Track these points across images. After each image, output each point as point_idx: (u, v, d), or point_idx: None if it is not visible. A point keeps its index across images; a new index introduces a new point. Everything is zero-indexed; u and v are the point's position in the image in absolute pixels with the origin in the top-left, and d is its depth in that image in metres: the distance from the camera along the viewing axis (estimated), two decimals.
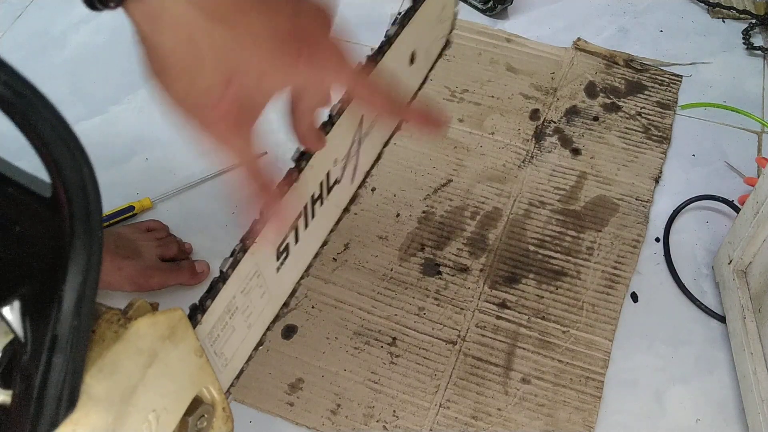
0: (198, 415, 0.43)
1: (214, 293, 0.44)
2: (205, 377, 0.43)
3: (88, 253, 0.31)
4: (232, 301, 0.46)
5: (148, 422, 0.38)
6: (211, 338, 0.45)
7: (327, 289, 0.77)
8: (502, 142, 0.90)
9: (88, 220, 0.31)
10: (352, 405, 0.69)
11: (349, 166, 0.55)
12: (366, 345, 0.73)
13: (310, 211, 0.51)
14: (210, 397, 0.45)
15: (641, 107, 0.94)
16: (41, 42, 1.05)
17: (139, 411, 0.37)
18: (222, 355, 0.48)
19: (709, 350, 0.74)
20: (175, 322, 0.40)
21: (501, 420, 0.69)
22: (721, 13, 1.06)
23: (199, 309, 0.44)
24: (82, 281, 0.31)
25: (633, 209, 0.84)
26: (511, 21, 1.06)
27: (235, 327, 0.48)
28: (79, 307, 0.31)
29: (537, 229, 0.82)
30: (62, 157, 0.29)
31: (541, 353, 0.73)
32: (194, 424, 0.43)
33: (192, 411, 0.43)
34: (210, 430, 0.45)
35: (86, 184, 0.30)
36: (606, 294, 0.77)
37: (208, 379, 0.44)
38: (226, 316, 0.46)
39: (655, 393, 0.71)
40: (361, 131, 0.54)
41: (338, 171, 0.53)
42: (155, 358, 0.38)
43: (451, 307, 0.76)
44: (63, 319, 0.31)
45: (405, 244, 0.81)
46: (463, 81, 0.97)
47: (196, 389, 0.43)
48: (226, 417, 0.47)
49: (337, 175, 0.53)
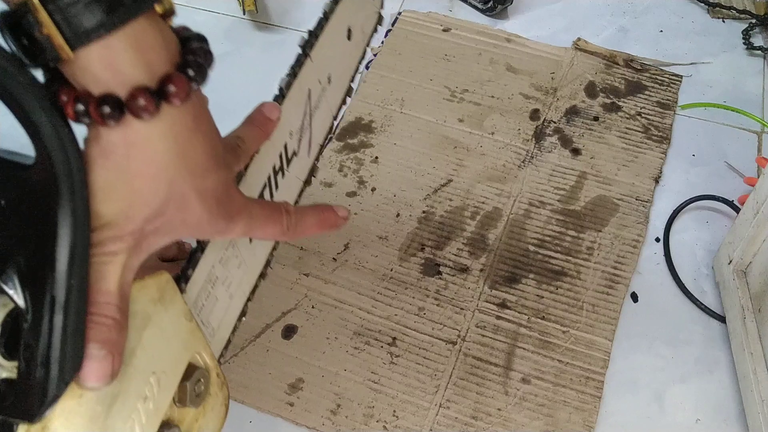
0: (195, 380, 0.44)
1: (194, 262, 0.45)
2: (197, 342, 0.44)
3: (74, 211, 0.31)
4: (212, 271, 0.48)
5: (150, 384, 0.39)
6: (197, 307, 0.46)
7: (327, 289, 0.77)
8: (502, 142, 0.90)
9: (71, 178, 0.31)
10: (352, 405, 0.69)
11: (304, 138, 0.57)
12: (366, 345, 0.73)
13: (273, 181, 0.53)
14: (203, 363, 0.45)
15: (641, 107, 0.94)
16: None
17: (140, 373, 0.38)
18: (209, 324, 0.49)
19: (709, 350, 0.74)
20: (163, 285, 0.40)
21: (501, 420, 0.69)
22: (721, 13, 1.06)
23: (182, 278, 0.45)
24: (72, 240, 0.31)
25: (633, 209, 0.84)
26: (511, 21, 1.06)
27: (217, 297, 0.49)
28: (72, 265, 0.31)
29: (537, 229, 0.82)
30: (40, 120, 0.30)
31: (541, 353, 0.73)
32: (192, 389, 0.43)
33: (188, 376, 0.43)
34: (207, 395, 0.45)
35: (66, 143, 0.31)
36: (606, 294, 0.77)
37: (199, 344, 0.44)
38: (208, 286, 0.47)
39: (655, 393, 0.71)
40: (310, 104, 0.56)
41: (294, 143, 0.55)
42: (149, 320, 0.39)
43: (451, 307, 0.76)
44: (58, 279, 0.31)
45: (405, 244, 0.81)
46: (463, 81, 0.97)
47: (189, 354, 0.43)
48: (221, 383, 0.47)
49: (294, 148, 0.55)
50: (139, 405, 0.38)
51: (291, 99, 0.52)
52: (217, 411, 0.47)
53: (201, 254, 0.46)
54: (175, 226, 0.38)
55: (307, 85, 0.55)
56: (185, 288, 0.45)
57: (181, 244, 0.80)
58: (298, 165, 0.57)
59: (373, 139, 0.91)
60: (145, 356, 0.38)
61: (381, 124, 0.92)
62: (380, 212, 0.84)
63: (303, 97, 0.55)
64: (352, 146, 0.90)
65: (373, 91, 0.96)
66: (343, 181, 0.86)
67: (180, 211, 0.37)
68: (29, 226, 0.32)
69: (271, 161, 0.52)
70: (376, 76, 0.97)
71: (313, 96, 0.56)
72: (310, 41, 0.53)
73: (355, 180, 0.86)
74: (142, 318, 0.38)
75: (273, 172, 0.53)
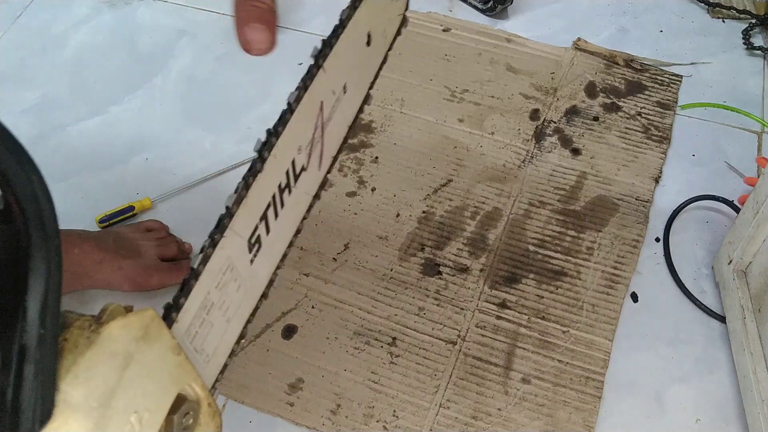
0: (183, 413, 0.43)
1: (186, 291, 0.44)
2: (186, 375, 0.43)
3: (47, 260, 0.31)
4: (207, 297, 0.46)
5: (131, 424, 0.38)
6: (190, 335, 0.45)
7: (327, 289, 0.77)
8: (502, 142, 0.90)
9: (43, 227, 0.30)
10: (352, 405, 0.69)
11: (315, 152, 0.54)
12: (366, 345, 0.73)
13: (278, 200, 0.51)
14: (194, 394, 0.44)
15: (641, 107, 0.94)
16: (41, 42, 1.05)
17: (119, 414, 0.37)
18: (203, 351, 0.47)
19: (709, 350, 0.74)
20: (148, 322, 0.39)
21: (501, 420, 0.68)
22: (721, 13, 1.06)
23: (173, 308, 0.43)
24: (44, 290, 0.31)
25: (633, 209, 0.84)
26: (511, 21, 1.06)
27: (213, 323, 0.48)
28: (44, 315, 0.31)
29: (537, 229, 0.82)
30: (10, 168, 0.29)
31: (541, 353, 0.73)
32: (179, 422, 0.43)
33: (176, 409, 0.42)
34: (197, 426, 0.45)
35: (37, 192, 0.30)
36: (606, 294, 0.77)
37: (189, 376, 0.44)
38: (203, 313, 0.46)
39: (655, 393, 0.71)
40: (322, 116, 0.53)
41: (304, 158, 0.53)
42: (131, 359, 0.38)
43: (451, 307, 0.76)
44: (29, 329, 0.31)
45: (405, 244, 0.81)
46: (463, 81, 0.97)
47: (177, 387, 0.43)
48: (213, 412, 0.46)
49: (303, 163, 0.53)
50: None
51: (300, 113, 0.49)
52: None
53: (195, 282, 0.44)
54: None
55: (320, 97, 0.52)
56: (177, 317, 0.43)
57: (181, 243, 0.80)
58: (306, 180, 0.55)
59: (373, 139, 0.91)
60: (125, 396, 0.37)
61: (381, 124, 0.92)
62: (380, 212, 0.84)
63: (314, 111, 0.52)
64: (352, 146, 0.90)
65: (373, 91, 0.95)
66: (343, 181, 0.86)
67: None
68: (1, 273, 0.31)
69: (277, 179, 0.50)
70: None
71: (325, 108, 0.53)
72: (324, 52, 0.50)
73: (355, 180, 0.86)
74: (123, 358, 0.37)
75: (278, 190, 0.50)
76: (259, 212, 0.49)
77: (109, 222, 0.83)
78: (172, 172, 0.89)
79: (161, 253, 0.77)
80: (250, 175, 0.46)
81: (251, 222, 0.48)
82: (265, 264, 0.53)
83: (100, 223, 0.82)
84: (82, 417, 0.35)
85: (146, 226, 0.80)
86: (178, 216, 0.84)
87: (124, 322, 0.38)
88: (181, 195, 0.86)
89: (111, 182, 0.88)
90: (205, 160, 0.90)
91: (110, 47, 1.04)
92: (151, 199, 0.85)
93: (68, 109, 0.96)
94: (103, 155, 0.91)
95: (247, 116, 0.93)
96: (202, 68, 1.01)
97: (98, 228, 0.82)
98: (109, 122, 0.95)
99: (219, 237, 0.45)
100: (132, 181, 0.88)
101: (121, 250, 0.74)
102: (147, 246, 0.76)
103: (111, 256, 0.73)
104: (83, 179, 0.88)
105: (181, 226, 0.82)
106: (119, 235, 0.77)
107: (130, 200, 0.84)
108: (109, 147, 0.92)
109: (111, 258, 0.73)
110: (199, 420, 0.45)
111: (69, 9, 1.10)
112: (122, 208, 0.83)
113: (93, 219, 0.83)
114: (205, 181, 0.87)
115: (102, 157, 0.91)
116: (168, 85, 0.99)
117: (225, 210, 0.44)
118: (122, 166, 0.90)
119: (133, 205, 0.84)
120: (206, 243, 0.44)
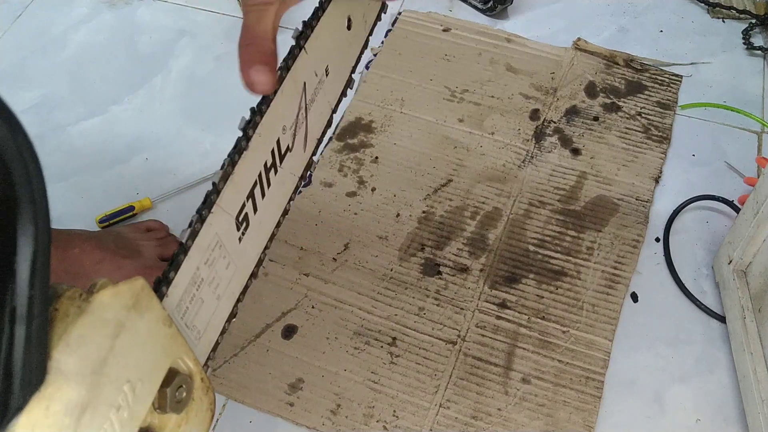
0: (176, 386, 0.42)
1: (176, 265, 0.44)
2: (178, 347, 0.43)
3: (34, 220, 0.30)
4: (197, 273, 0.46)
5: (124, 393, 0.38)
6: (180, 311, 0.45)
7: (327, 289, 0.77)
8: (502, 142, 0.90)
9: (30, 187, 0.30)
10: (352, 405, 0.69)
11: (299, 133, 0.55)
12: (366, 345, 0.73)
13: (264, 179, 0.52)
14: (186, 368, 0.44)
15: (641, 107, 0.94)
16: (41, 42, 1.05)
17: (112, 382, 0.37)
18: (194, 327, 0.47)
19: (709, 350, 0.74)
20: (138, 291, 0.39)
21: (501, 420, 0.69)
22: (721, 13, 1.06)
23: (163, 282, 0.43)
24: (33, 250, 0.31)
25: (633, 209, 0.84)
26: (511, 21, 1.06)
27: (203, 299, 0.48)
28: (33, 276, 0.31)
29: (537, 229, 0.82)
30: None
31: (541, 353, 0.73)
32: (173, 395, 0.42)
33: (169, 382, 0.42)
34: (191, 401, 0.44)
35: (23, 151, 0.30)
36: (606, 294, 0.77)
37: (181, 349, 0.43)
38: (193, 288, 0.46)
39: (655, 393, 0.71)
40: (305, 98, 0.55)
41: (288, 138, 0.54)
42: (122, 328, 0.38)
43: (451, 307, 0.76)
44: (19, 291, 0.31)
45: (405, 244, 0.81)
46: (463, 81, 0.97)
47: (169, 359, 0.42)
48: (206, 387, 0.46)
49: (288, 143, 0.54)
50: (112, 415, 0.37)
51: (283, 93, 0.51)
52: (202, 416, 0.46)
53: (184, 257, 0.45)
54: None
55: (302, 78, 0.54)
56: (167, 291, 0.44)
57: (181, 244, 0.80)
58: (292, 160, 0.56)
59: (373, 139, 0.91)
60: (117, 364, 0.37)
61: (381, 124, 0.92)
62: (380, 212, 0.84)
63: (297, 91, 0.54)
64: (352, 146, 0.90)
65: (373, 91, 0.96)
66: (343, 181, 0.86)
67: None
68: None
69: (263, 158, 0.51)
70: (376, 76, 0.97)
71: (308, 89, 0.55)
72: (305, 33, 0.52)
73: (355, 180, 0.86)
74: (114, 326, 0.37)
75: (264, 169, 0.52)
76: (246, 190, 0.50)
77: (109, 222, 0.83)
78: (172, 172, 0.89)
79: (161, 253, 0.77)
80: (235, 152, 0.47)
81: (238, 199, 0.49)
82: (254, 243, 0.54)
83: (100, 223, 0.82)
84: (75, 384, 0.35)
85: (146, 226, 0.80)
86: (178, 216, 0.84)
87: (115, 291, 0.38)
88: (181, 195, 0.86)
89: (111, 182, 0.88)
90: (205, 160, 0.90)
91: (110, 47, 1.04)
92: (151, 199, 0.85)
93: (68, 109, 0.96)
94: (103, 155, 0.91)
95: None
96: (202, 68, 1.01)
97: (98, 228, 0.82)
98: (109, 122, 0.95)
99: (207, 213, 0.45)
100: (132, 181, 0.88)
101: (121, 250, 0.74)
102: (147, 246, 0.76)
103: (111, 256, 0.73)
104: (83, 179, 0.88)
105: (181, 226, 0.81)
106: (119, 235, 0.77)
107: (130, 200, 0.84)
108: (109, 147, 0.92)
109: (111, 258, 0.73)
110: (193, 395, 0.45)
111: (69, 9, 1.10)
112: (122, 208, 0.83)
113: (93, 219, 0.83)
114: (205, 181, 0.87)
115: (102, 157, 0.91)
116: (168, 85, 0.99)
117: (212, 186, 0.45)
118: (122, 166, 0.90)
119: (133, 205, 0.84)
120: (194, 218, 0.45)
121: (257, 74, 0.45)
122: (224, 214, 0.47)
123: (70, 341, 0.35)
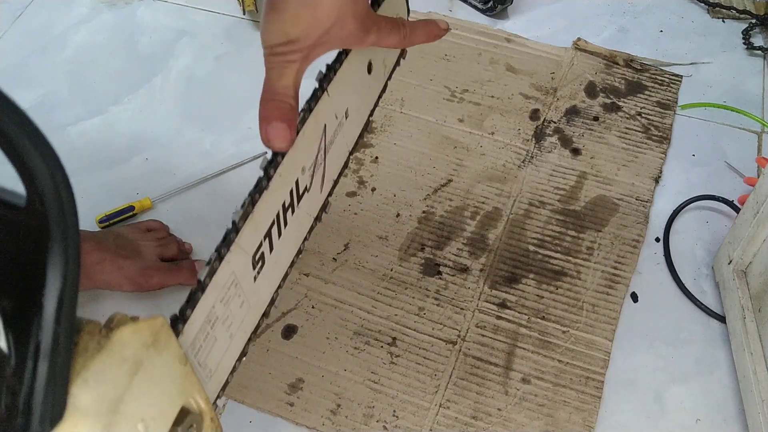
0: (187, 425, 0.42)
1: (193, 302, 0.44)
2: (191, 386, 0.43)
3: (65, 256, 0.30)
4: (212, 311, 0.46)
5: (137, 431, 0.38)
6: (194, 349, 0.45)
7: (327, 289, 0.77)
8: (502, 142, 0.90)
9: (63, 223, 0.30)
10: (352, 405, 0.69)
11: (317, 174, 0.56)
12: (366, 345, 0.73)
13: (282, 219, 0.52)
14: (197, 407, 0.44)
15: (641, 107, 0.94)
16: (41, 42, 1.05)
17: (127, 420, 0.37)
18: (206, 366, 0.47)
19: (709, 350, 0.74)
20: (158, 329, 0.39)
21: (501, 420, 0.69)
22: (721, 13, 1.06)
23: (179, 319, 0.43)
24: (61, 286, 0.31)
25: (633, 209, 0.84)
26: (511, 21, 1.06)
27: (216, 337, 0.48)
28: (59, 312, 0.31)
29: (537, 229, 0.82)
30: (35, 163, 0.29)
31: (541, 353, 0.73)
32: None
33: (180, 421, 0.42)
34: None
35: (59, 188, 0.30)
36: (606, 294, 0.77)
37: (194, 388, 0.43)
38: (207, 326, 0.46)
39: (655, 393, 0.71)
40: (325, 139, 0.55)
41: (307, 179, 0.54)
42: (140, 366, 0.38)
43: (451, 307, 0.76)
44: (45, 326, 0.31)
45: (405, 244, 0.81)
46: (463, 81, 0.97)
47: (182, 399, 0.42)
48: (215, 427, 0.46)
49: (306, 184, 0.54)
50: None
51: (305, 134, 0.51)
52: None
53: (201, 294, 0.44)
54: (333, 40, 0.48)
55: (323, 120, 0.54)
56: (182, 329, 0.43)
57: (181, 244, 0.80)
58: (309, 201, 0.56)
59: (373, 139, 0.91)
60: (133, 403, 0.37)
61: (381, 124, 0.92)
62: (380, 212, 0.84)
63: (318, 133, 0.54)
64: None
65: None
66: (343, 181, 0.86)
67: (340, 29, 0.47)
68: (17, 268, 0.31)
69: (281, 198, 0.51)
70: None
71: (328, 131, 0.55)
72: (328, 75, 0.52)
73: (355, 180, 0.86)
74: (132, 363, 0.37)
75: (282, 209, 0.52)
76: (264, 229, 0.50)
77: (109, 222, 0.83)
78: (172, 172, 0.89)
79: (161, 253, 0.77)
80: (256, 191, 0.47)
81: (256, 239, 0.49)
82: (268, 282, 0.53)
83: (100, 223, 0.82)
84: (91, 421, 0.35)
85: (146, 226, 0.80)
86: (178, 216, 0.84)
87: (135, 328, 0.37)
88: (181, 195, 0.86)
89: (111, 182, 0.88)
90: (205, 160, 0.90)
91: (110, 47, 1.04)
92: (151, 199, 0.85)
93: (68, 109, 0.96)
94: (103, 155, 0.91)
95: (247, 116, 0.93)
96: (202, 68, 1.01)
97: (98, 228, 0.82)
98: (109, 122, 0.95)
99: (225, 251, 0.45)
100: (132, 181, 0.88)
101: (121, 250, 0.74)
102: (147, 246, 0.76)
103: (111, 256, 0.73)
104: (83, 179, 0.88)
105: (181, 226, 0.82)
106: (119, 235, 0.77)
107: (130, 200, 0.84)
108: (109, 147, 0.92)
109: (111, 258, 0.73)
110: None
111: (69, 9, 1.10)
112: (122, 208, 0.83)
113: (93, 219, 0.83)
114: (205, 181, 0.87)
115: (102, 157, 0.91)
116: (168, 85, 0.99)
117: (231, 225, 0.45)
118: (122, 166, 0.90)
119: (133, 205, 0.84)
120: (213, 256, 0.45)
121: (275, 131, 0.45)
122: (242, 252, 0.47)
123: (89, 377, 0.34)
